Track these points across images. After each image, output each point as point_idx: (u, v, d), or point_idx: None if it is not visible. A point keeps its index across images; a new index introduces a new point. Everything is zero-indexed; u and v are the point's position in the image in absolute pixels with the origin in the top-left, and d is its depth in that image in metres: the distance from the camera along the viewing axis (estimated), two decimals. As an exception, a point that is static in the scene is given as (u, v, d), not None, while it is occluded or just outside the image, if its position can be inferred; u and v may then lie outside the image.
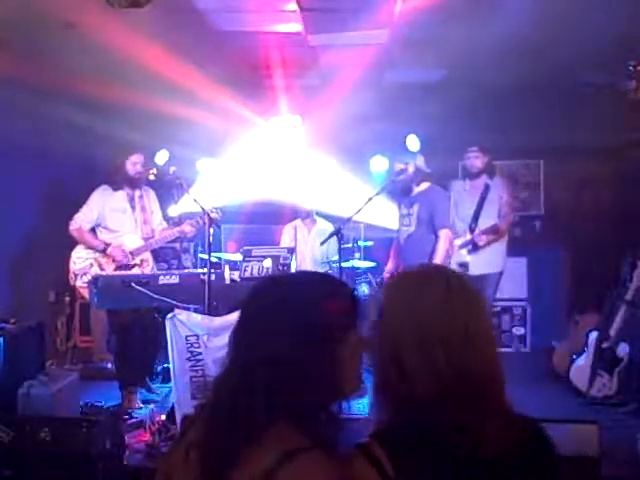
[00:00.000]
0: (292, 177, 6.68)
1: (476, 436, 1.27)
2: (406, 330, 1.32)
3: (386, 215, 5.91)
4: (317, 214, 6.60)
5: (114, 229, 5.21)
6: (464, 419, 1.27)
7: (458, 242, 5.51)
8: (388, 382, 1.33)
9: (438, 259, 5.05)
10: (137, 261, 5.22)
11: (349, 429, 1.36)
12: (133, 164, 5.22)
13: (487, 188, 5.63)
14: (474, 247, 5.52)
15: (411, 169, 5.25)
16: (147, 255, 5.31)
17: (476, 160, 5.65)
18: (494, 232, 5.50)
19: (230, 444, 1.25)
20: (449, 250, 5.36)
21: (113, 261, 5.12)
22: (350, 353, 1.35)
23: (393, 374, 1.31)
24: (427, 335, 1.30)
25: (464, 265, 5.53)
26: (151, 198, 5.46)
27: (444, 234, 5.12)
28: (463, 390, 1.28)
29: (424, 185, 5.30)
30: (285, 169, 6.72)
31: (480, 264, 5.56)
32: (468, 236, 5.55)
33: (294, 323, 1.32)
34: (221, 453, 1.26)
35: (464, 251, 5.52)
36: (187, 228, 5.31)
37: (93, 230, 5.22)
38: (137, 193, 5.33)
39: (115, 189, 5.24)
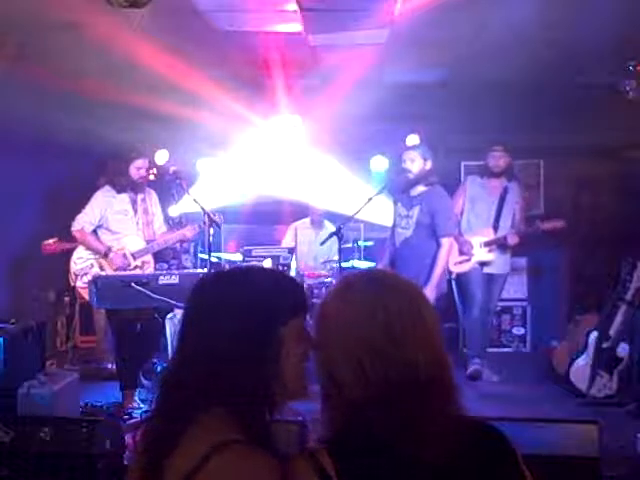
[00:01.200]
0: (292, 177, 6.69)
1: (418, 440, 1.24)
2: (333, 338, 1.30)
3: (387, 214, 5.86)
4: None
5: (116, 231, 5.19)
6: (402, 423, 1.24)
7: (480, 240, 5.46)
8: (326, 390, 1.31)
9: (439, 269, 4.91)
10: (138, 263, 5.21)
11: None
12: (137, 169, 5.19)
13: (506, 190, 5.62)
14: (501, 246, 5.48)
15: (428, 165, 5.03)
16: (148, 257, 5.31)
17: (500, 160, 5.62)
18: (521, 237, 5.48)
19: (167, 432, 1.28)
20: (485, 235, 5.33)
21: (113, 267, 5.11)
22: (292, 347, 1.34)
23: (327, 382, 1.30)
24: (350, 341, 1.28)
25: (486, 264, 5.48)
26: (153, 201, 5.44)
27: (446, 242, 4.96)
28: (395, 395, 1.25)
29: (427, 187, 5.18)
30: (285, 169, 6.72)
31: (490, 265, 5.56)
32: (492, 235, 5.50)
33: (233, 313, 1.33)
34: (159, 441, 1.28)
35: (486, 249, 5.47)
36: (189, 233, 5.31)
37: (95, 232, 5.21)
38: (140, 196, 5.31)
39: (118, 191, 5.22)
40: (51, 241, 5.36)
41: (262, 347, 1.31)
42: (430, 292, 4.64)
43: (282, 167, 6.72)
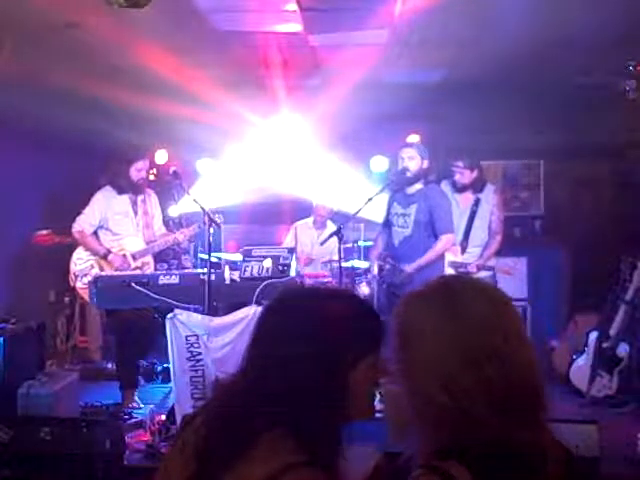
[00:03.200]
0: (292, 176, 6.68)
1: (540, 453, 1.22)
2: (450, 350, 1.23)
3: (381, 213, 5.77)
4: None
5: (116, 232, 5.19)
6: (525, 434, 1.22)
7: (449, 258, 5.18)
8: (437, 405, 1.22)
9: (430, 255, 4.81)
10: (138, 264, 5.21)
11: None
12: (138, 170, 5.18)
13: (477, 202, 5.42)
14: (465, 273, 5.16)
15: (425, 164, 4.94)
16: (148, 258, 5.30)
17: (461, 177, 5.41)
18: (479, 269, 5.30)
19: (226, 448, 1.26)
20: (452, 254, 5.18)
21: (113, 268, 5.11)
22: (363, 378, 1.33)
23: (442, 397, 1.21)
24: (473, 351, 1.23)
25: None
26: (153, 202, 5.44)
27: (444, 238, 4.87)
28: (517, 403, 1.23)
29: (424, 185, 5.12)
30: (285, 168, 6.72)
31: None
32: (459, 257, 5.30)
33: (309, 340, 1.31)
34: (217, 456, 1.27)
35: (452, 269, 5.17)
36: (180, 237, 5.31)
37: (95, 233, 5.20)
38: (139, 197, 5.30)
39: (118, 192, 5.22)
40: (44, 232, 5.34)
41: (331, 378, 1.30)
42: (409, 268, 4.80)
43: (282, 167, 6.72)
